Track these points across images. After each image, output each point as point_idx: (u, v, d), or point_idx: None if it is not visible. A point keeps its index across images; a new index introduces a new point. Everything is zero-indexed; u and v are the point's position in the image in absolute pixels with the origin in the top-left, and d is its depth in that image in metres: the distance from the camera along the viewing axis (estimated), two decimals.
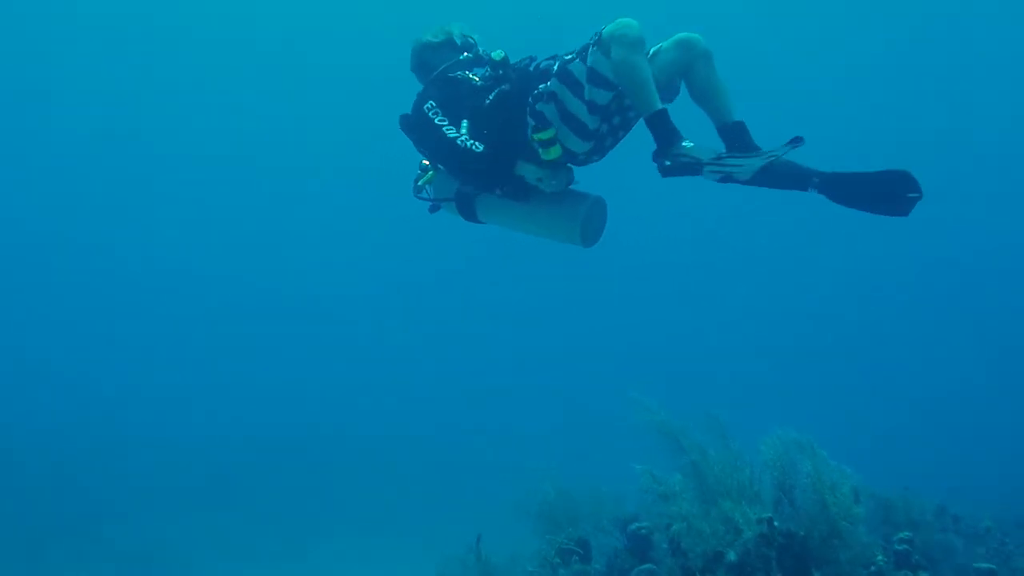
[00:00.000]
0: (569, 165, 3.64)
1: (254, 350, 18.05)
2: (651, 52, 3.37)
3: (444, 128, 3.51)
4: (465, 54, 3.76)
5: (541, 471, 7.22)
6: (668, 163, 3.09)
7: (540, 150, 3.37)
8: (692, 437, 6.90)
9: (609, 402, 10.01)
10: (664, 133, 3.10)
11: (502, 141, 3.46)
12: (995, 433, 12.11)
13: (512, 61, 3.64)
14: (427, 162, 3.82)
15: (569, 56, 3.44)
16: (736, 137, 3.27)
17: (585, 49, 3.34)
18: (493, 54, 3.57)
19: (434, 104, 3.61)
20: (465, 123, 3.55)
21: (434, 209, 3.89)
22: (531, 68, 3.61)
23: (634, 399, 8.40)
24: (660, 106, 3.14)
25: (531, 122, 3.45)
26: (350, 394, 14.72)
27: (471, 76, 3.57)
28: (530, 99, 3.46)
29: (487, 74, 3.57)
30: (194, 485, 12.13)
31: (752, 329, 15.35)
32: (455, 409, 13.23)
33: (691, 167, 3.07)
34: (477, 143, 3.46)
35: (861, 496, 5.82)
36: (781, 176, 3.15)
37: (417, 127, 3.63)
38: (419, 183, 3.78)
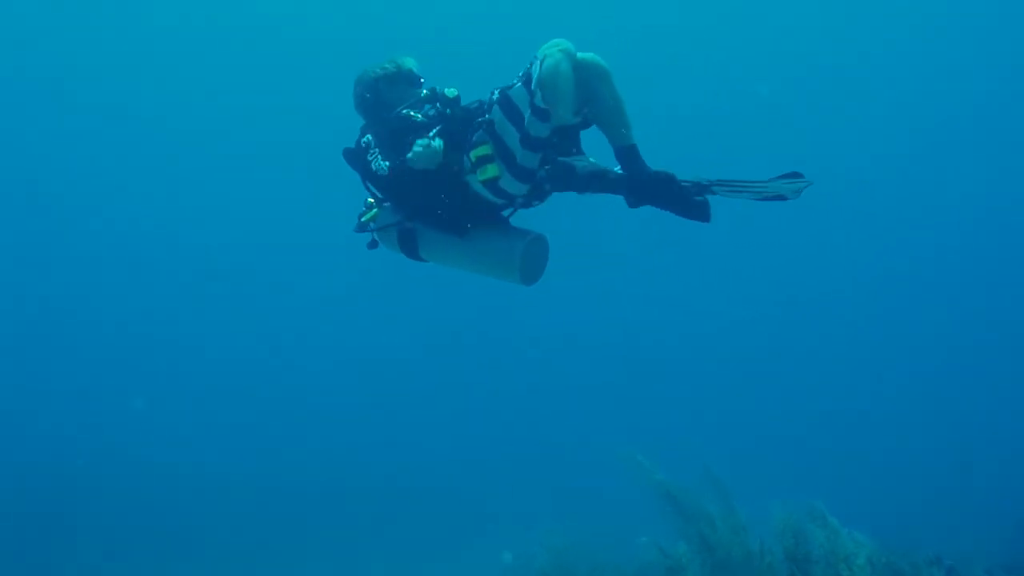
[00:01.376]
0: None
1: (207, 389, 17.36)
2: None
3: (377, 161, 3.48)
4: (425, 92, 3.59)
5: (534, 538, 6.83)
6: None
7: (477, 171, 3.25)
8: (695, 501, 6.66)
9: (597, 453, 9.77)
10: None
11: (437, 177, 3.36)
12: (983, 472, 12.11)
13: (464, 103, 3.51)
14: (372, 200, 3.74)
15: (507, 89, 3.31)
16: (632, 158, 3.22)
17: (528, 76, 3.19)
18: (447, 91, 3.46)
19: (371, 139, 3.57)
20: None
21: (373, 245, 3.81)
22: (474, 107, 3.49)
23: (628, 456, 8.17)
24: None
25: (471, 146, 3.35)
26: (322, 450, 14.22)
27: (412, 114, 3.47)
28: (470, 133, 3.35)
29: (430, 112, 3.49)
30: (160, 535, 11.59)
31: (743, 375, 15.22)
32: (436, 466, 12.81)
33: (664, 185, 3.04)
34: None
35: (877, 566, 5.60)
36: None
37: (358, 159, 3.59)
38: (363, 219, 3.74)
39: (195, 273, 19.94)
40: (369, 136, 3.59)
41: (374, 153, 3.47)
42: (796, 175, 3.33)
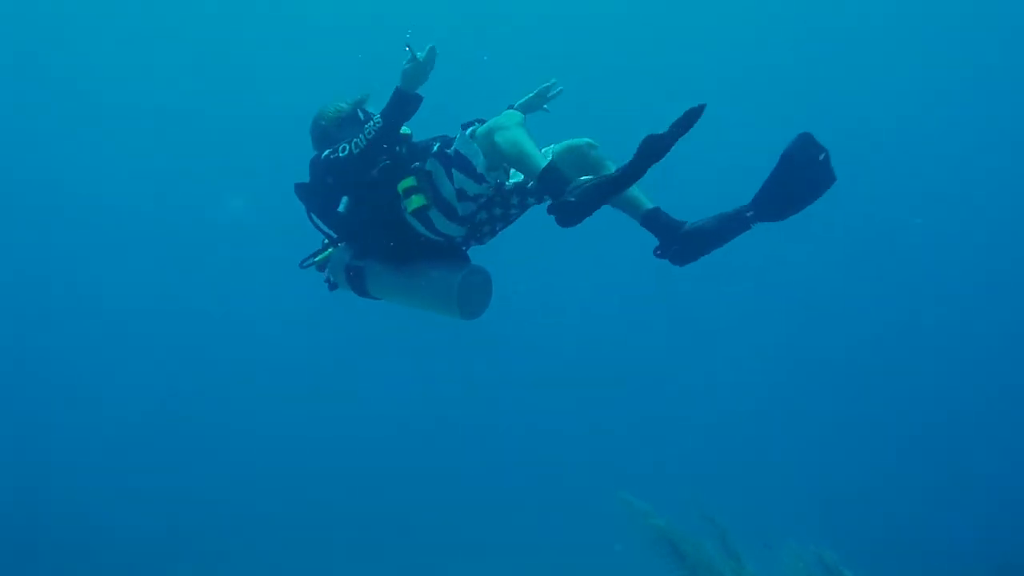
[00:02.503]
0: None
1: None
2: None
3: (336, 154, 3.44)
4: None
5: None
6: (571, 199, 2.88)
7: (403, 201, 3.35)
8: (697, 548, 6.40)
9: (590, 494, 9.48)
10: (558, 183, 2.96)
11: (381, 210, 3.47)
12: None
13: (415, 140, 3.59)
14: (327, 240, 3.77)
15: (450, 139, 3.44)
16: (659, 221, 3.23)
17: (463, 136, 3.33)
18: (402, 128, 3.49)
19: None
20: (344, 200, 3.60)
21: (333, 287, 3.83)
22: (421, 146, 3.56)
23: (625, 500, 7.91)
24: (545, 162, 3.04)
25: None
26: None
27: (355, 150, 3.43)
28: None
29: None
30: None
31: (743, 413, 14.97)
32: (424, 507, 12.40)
33: (598, 192, 2.87)
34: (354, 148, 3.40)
35: None
36: (718, 232, 3.14)
37: (315, 175, 3.55)
38: (313, 259, 3.82)
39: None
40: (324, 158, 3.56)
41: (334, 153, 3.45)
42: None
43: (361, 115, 3.71)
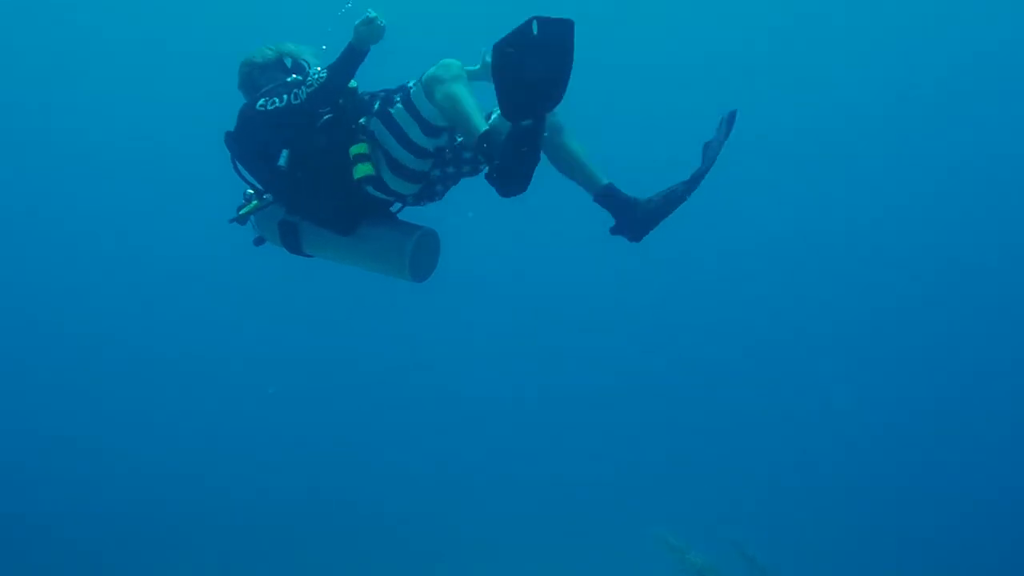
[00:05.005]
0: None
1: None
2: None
3: (274, 103, 3.27)
4: (294, 76, 3.46)
5: None
6: (501, 162, 2.74)
7: (353, 169, 3.19)
8: None
9: (623, 530, 9.32)
10: (493, 150, 2.81)
11: (322, 165, 3.30)
12: None
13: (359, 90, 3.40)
14: (251, 191, 3.57)
15: (393, 95, 3.28)
16: (615, 199, 3.23)
17: (405, 91, 3.20)
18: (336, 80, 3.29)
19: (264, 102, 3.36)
20: (285, 152, 3.31)
21: (259, 242, 3.68)
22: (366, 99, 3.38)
23: (660, 536, 7.77)
24: (485, 127, 2.90)
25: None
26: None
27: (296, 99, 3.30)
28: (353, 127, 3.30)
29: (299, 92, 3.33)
30: None
31: (777, 443, 14.60)
32: (451, 540, 12.21)
33: (522, 144, 2.71)
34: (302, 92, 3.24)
35: None
36: (665, 206, 3.17)
37: (248, 125, 3.36)
38: (240, 212, 3.55)
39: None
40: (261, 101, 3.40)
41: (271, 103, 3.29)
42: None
43: (288, 62, 3.62)
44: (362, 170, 3.18)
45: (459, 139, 3.33)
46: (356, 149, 3.20)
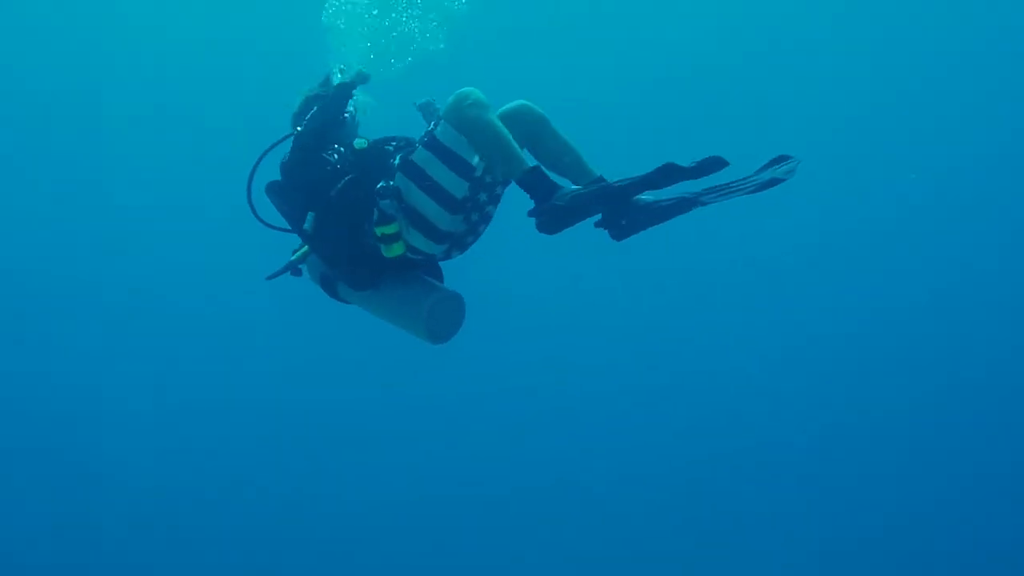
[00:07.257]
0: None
1: None
2: None
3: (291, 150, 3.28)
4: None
5: None
6: (560, 203, 2.70)
7: (382, 247, 3.08)
8: None
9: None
10: (544, 188, 2.75)
11: (346, 237, 3.22)
12: None
13: (373, 138, 3.31)
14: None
15: (412, 142, 3.18)
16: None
17: (428, 134, 3.06)
18: (355, 143, 3.23)
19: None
20: (310, 216, 3.26)
21: (296, 273, 3.65)
22: (388, 149, 3.29)
23: None
24: (533, 163, 2.83)
25: (375, 215, 3.13)
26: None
27: (327, 156, 3.24)
28: (375, 193, 3.11)
29: (343, 157, 3.28)
30: None
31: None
32: None
33: (589, 201, 2.70)
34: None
35: None
36: (665, 211, 2.88)
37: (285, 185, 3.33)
38: (293, 256, 3.54)
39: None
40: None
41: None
42: (783, 158, 3.14)
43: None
44: (394, 251, 3.08)
45: (488, 178, 3.12)
46: (383, 230, 3.05)
